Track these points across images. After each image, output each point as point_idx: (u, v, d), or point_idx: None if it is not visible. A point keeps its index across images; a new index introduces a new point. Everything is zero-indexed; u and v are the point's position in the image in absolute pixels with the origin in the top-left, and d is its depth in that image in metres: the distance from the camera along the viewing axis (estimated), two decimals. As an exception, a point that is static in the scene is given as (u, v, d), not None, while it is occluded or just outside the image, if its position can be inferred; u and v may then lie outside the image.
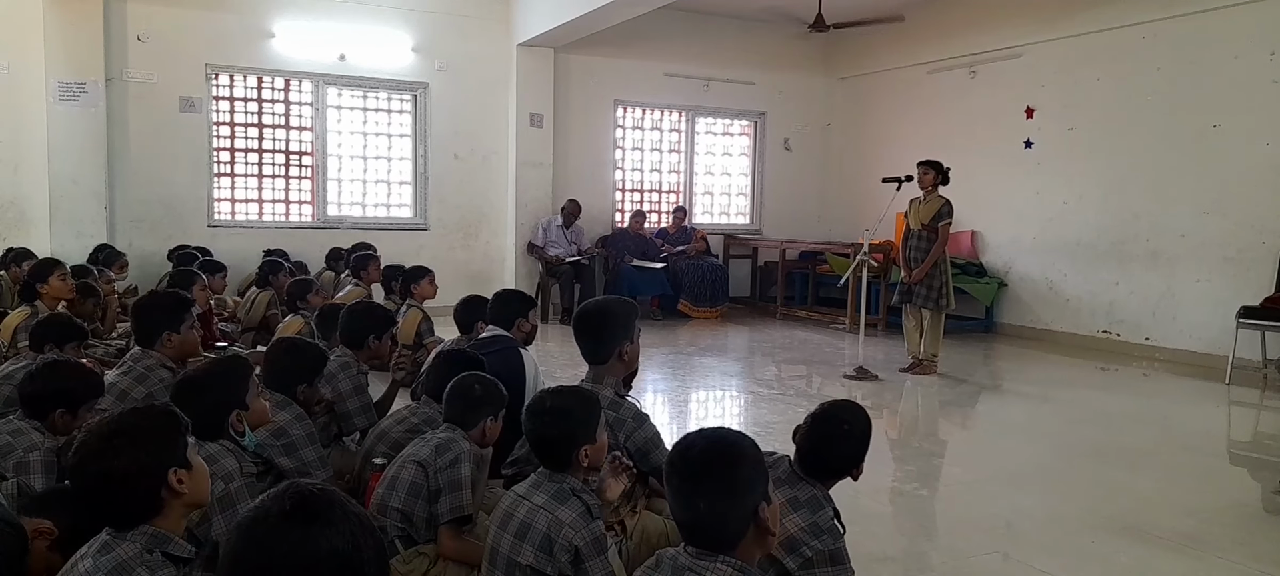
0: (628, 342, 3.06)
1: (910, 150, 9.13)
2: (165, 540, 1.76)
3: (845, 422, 2.49)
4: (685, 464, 1.88)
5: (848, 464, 2.48)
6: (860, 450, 2.49)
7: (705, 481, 1.84)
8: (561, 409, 2.42)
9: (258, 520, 1.35)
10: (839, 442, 2.46)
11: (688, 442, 1.93)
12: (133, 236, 8.65)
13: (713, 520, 1.84)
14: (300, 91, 9.46)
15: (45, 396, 2.86)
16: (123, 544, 1.73)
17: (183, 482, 1.79)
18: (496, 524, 2.36)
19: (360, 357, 4.10)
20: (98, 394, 3.02)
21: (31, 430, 2.80)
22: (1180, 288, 7.96)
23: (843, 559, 2.34)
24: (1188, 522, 3.90)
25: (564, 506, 2.26)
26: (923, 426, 6.07)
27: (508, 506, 2.36)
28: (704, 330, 9.58)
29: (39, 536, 2.06)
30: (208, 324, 5.68)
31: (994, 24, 9.50)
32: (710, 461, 1.86)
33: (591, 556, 2.22)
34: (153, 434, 1.79)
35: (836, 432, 2.47)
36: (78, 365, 3.20)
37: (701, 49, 10.94)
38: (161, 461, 1.77)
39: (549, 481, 2.35)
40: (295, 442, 3.10)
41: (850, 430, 2.48)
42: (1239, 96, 7.49)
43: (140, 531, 1.75)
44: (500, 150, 10.24)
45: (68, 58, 8.19)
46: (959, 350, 8.21)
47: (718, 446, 1.90)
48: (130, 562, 1.70)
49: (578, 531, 2.22)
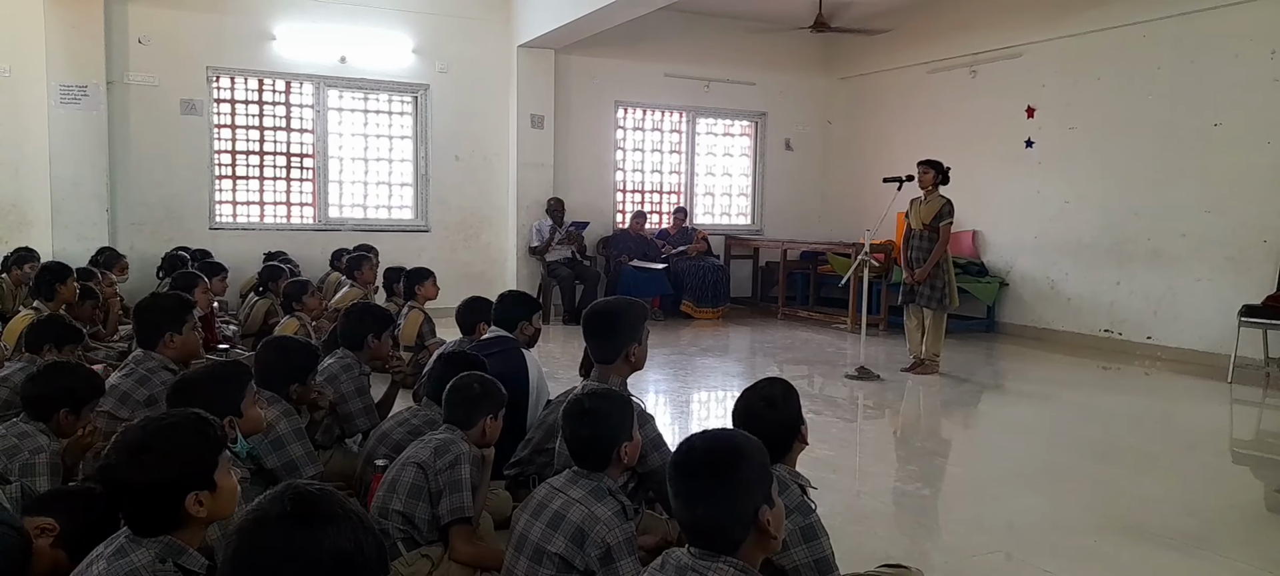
0: (635, 344, 3.10)
1: (911, 150, 9.13)
2: (180, 551, 1.77)
3: (763, 395, 2.52)
4: (687, 464, 1.88)
5: (786, 433, 2.49)
6: (787, 416, 2.51)
7: (706, 482, 1.84)
8: (601, 410, 2.46)
9: (257, 521, 1.34)
10: (765, 413, 2.47)
11: (690, 443, 1.93)
12: (134, 239, 8.65)
13: (714, 521, 1.84)
14: (301, 93, 9.47)
15: (48, 398, 2.88)
16: (137, 550, 1.74)
17: (202, 506, 1.78)
18: (529, 512, 2.39)
19: (360, 358, 4.10)
20: (99, 394, 3.04)
21: (37, 432, 2.81)
22: (1182, 287, 7.95)
23: (816, 534, 2.32)
24: (1190, 522, 3.90)
25: (600, 503, 2.31)
26: (924, 426, 6.06)
27: (542, 497, 2.40)
28: (705, 331, 9.58)
29: (42, 532, 2.07)
30: (209, 326, 5.68)
31: (994, 24, 9.50)
32: (712, 462, 1.86)
33: (623, 556, 2.26)
34: (181, 452, 1.78)
35: (757, 407, 2.50)
36: (78, 366, 3.22)
37: (702, 50, 10.94)
38: (183, 483, 1.76)
39: (586, 479, 2.38)
40: (282, 438, 3.10)
41: (770, 396, 2.51)
42: (1240, 95, 7.49)
43: (157, 540, 1.76)
44: (501, 151, 10.24)
45: (69, 60, 8.20)
46: (960, 350, 8.21)
47: (720, 447, 1.89)
48: (141, 571, 1.71)
49: (612, 529, 2.26)
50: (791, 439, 2.53)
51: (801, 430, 2.56)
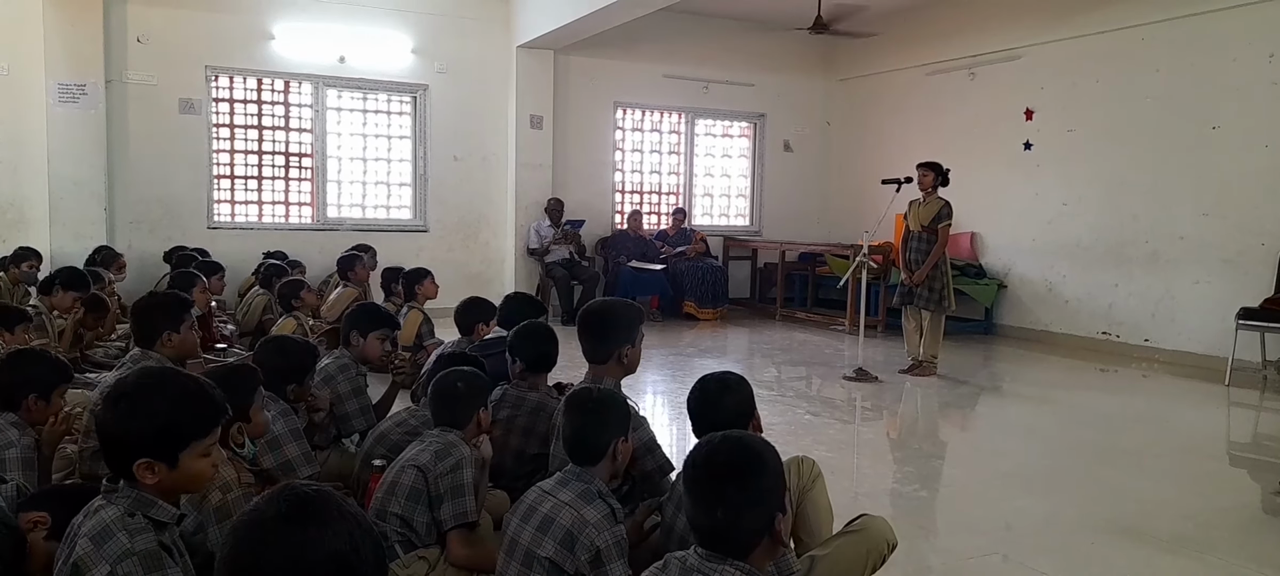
0: (629, 346, 3.10)
1: (910, 152, 9.14)
2: (148, 503, 1.82)
3: (719, 380, 2.64)
4: (709, 467, 1.85)
5: (739, 418, 2.55)
6: (741, 401, 2.61)
7: (728, 487, 1.80)
8: (604, 402, 2.49)
9: (253, 522, 1.34)
10: (720, 398, 2.59)
11: (713, 446, 1.88)
12: (132, 238, 8.65)
13: (732, 526, 1.80)
14: (300, 93, 9.47)
15: (16, 386, 2.87)
16: (107, 507, 1.80)
17: (153, 472, 1.82)
18: (519, 516, 2.39)
19: (356, 358, 4.08)
20: (68, 379, 3.04)
21: (8, 425, 2.78)
22: (1180, 289, 7.96)
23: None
24: (1187, 524, 3.90)
25: (590, 506, 2.28)
26: (922, 428, 6.07)
27: (532, 501, 2.39)
28: (704, 332, 9.58)
29: (36, 526, 2.07)
30: (207, 325, 5.68)
31: (993, 26, 9.51)
32: (737, 465, 1.83)
33: (613, 559, 2.24)
34: (152, 415, 1.82)
35: (713, 392, 2.61)
36: (44, 352, 3.21)
37: (701, 51, 10.94)
38: (137, 448, 1.80)
39: (576, 480, 2.36)
40: (279, 438, 3.09)
41: (725, 381, 2.63)
42: (1238, 98, 7.50)
43: (124, 493, 1.82)
44: (500, 152, 10.24)
45: (67, 59, 8.19)
46: (958, 352, 8.21)
47: (745, 452, 1.86)
48: (112, 526, 1.77)
49: (601, 532, 2.24)
50: (744, 424, 2.55)
51: (755, 418, 2.63)
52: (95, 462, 3.27)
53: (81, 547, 1.75)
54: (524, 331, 3.56)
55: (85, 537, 1.76)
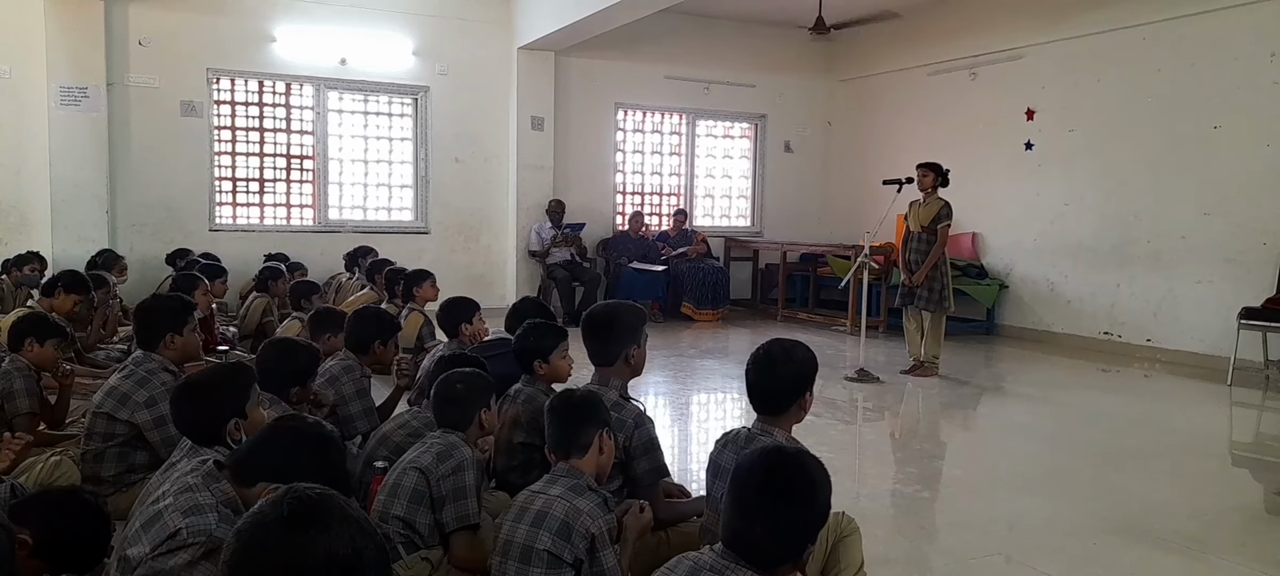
0: (634, 347, 3.12)
1: (911, 152, 9.13)
2: None
3: (784, 346, 2.62)
4: (767, 479, 1.79)
5: (791, 388, 2.55)
6: (798, 373, 2.58)
7: (779, 505, 1.76)
8: (593, 392, 2.61)
9: (256, 525, 1.34)
10: (780, 361, 2.57)
11: (774, 459, 1.83)
12: (134, 240, 8.66)
13: (764, 541, 1.76)
14: (301, 95, 9.48)
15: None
16: None
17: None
18: (511, 518, 2.42)
19: (364, 362, 4.09)
20: (62, 334, 3.15)
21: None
22: (1181, 289, 7.95)
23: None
24: (1189, 524, 3.90)
25: (582, 497, 2.36)
26: (924, 428, 6.07)
27: (522, 501, 2.43)
28: (705, 332, 9.58)
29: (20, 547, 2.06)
30: (209, 328, 5.69)
31: (994, 26, 9.50)
32: (793, 488, 1.78)
33: (605, 546, 2.33)
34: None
35: (775, 353, 2.59)
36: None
37: (702, 52, 10.94)
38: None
39: (565, 477, 2.43)
40: None
41: (789, 349, 2.61)
42: (1239, 98, 7.49)
43: None
44: (501, 153, 10.25)
45: (69, 62, 8.21)
46: (960, 352, 8.21)
47: (803, 476, 1.81)
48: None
49: (595, 519, 2.32)
50: (794, 399, 2.56)
51: (806, 396, 2.59)
52: (96, 463, 3.29)
53: None
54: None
55: None
